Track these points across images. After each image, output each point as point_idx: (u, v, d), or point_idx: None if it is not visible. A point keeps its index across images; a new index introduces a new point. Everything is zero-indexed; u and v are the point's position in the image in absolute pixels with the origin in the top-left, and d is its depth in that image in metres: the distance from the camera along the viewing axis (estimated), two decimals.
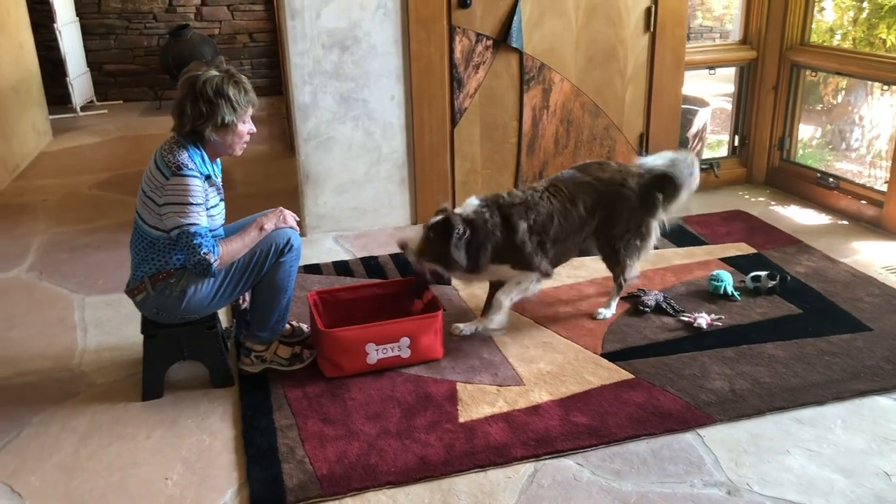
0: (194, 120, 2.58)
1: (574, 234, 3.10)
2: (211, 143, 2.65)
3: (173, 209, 2.54)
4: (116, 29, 7.73)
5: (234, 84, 2.61)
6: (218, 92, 2.56)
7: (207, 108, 2.56)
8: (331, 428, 2.59)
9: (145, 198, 2.61)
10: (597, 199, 3.10)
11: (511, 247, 2.96)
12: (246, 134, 2.71)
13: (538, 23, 4.21)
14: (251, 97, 2.67)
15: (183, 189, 2.53)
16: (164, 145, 2.64)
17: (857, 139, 5.41)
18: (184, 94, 2.59)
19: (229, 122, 2.61)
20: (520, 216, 2.96)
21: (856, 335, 3.07)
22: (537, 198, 3.03)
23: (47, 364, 3.07)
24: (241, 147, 2.73)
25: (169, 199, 2.54)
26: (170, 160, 2.55)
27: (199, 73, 2.59)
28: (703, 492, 2.29)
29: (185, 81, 2.60)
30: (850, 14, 5.42)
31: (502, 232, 2.95)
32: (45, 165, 5.82)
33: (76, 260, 4.04)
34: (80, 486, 2.38)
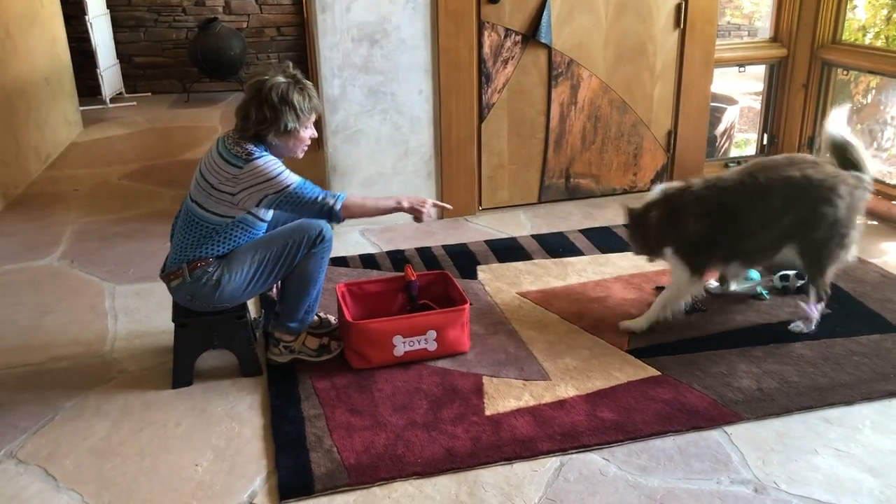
0: (258, 124, 2.64)
1: (765, 228, 2.99)
2: (273, 147, 2.72)
3: (260, 188, 2.62)
4: (146, 22, 7.81)
5: (299, 90, 2.66)
6: (283, 98, 2.62)
7: (272, 113, 2.62)
8: (358, 418, 2.61)
9: (212, 190, 2.65)
10: (798, 199, 2.94)
11: (676, 235, 3.05)
12: (307, 139, 2.77)
13: (567, 18, 4.20)
14: (315, 103, 2.73)
15: (263, 169, 2.61)
16: (227, 138, 2.70)
17: (888, 139, 5.35)
18: (249, 97, 2.65)
19: (292, 129, 2.67)
20: (692, 212, 3.01)
21: (885, 336, 3.04)
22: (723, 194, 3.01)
23: (79, 350, 3.12)
24: (303, 151, 2.81)
25: (249, 183, 2.61)
26: (239, 151, 2.63)
27: (266, 78, 2.64)
28: (729, 489, 2.29)
29: (251, 85, 2.67)
30: (884, 12, 5.36)
31: (668, 221, 3.05)
32: (75, 156, 5.90)
33: (107, 249, 4.09)
34: (112, 469, 2.42)
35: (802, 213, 2.95)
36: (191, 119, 7.02)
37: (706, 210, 3.01)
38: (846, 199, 2.94)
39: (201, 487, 2.34)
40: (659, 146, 4.61)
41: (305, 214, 2.72)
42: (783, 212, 2.96)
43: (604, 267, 3.71)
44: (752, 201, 2.97)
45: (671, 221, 3.04)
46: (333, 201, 2.68)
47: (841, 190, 2.93)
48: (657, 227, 3.08)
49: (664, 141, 4.61)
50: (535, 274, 3.66)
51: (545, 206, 4.55)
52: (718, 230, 3.01)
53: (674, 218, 3.04)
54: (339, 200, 2.70)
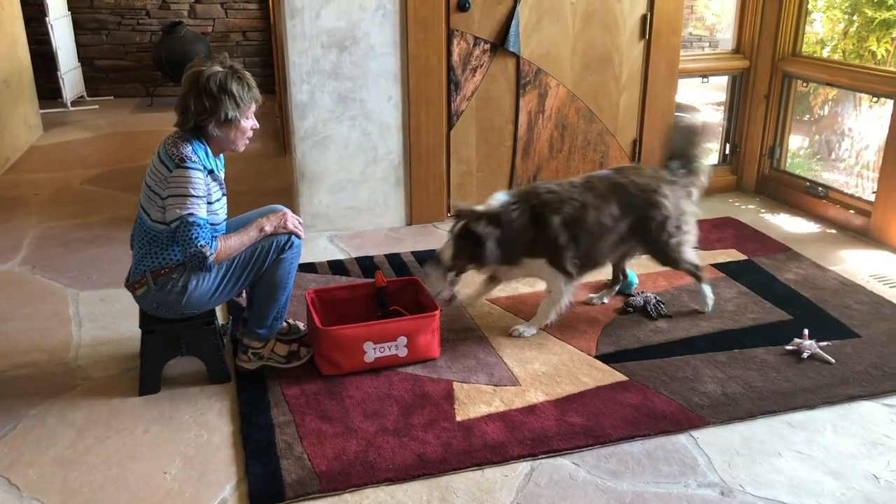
0: (197, 115, 2.59)
1: (608, 232, 3.12)
2: (214, 139, 2.67)
3: (175, 201, 2.55)
4: (109, 24, 7.71)
5: (237, 80, 2.62)
6: (221, 87, 2.58)
7: (211, 103, 2.58)
8: (329, 425, 2.60)
9: (150, 192, 2.62)
10: (629, 202, 3.12)
11: (545, 241, 3.04)
12: (249, 130, 2.73)
13: (535, 28, 4.25)
14: (254, 93, 2.69)
15: (185, 180, 2.55)
16: (167, 139, 2.65)
17: (845, 150, 5.49)
18: (187, 89, 2.61)
19: (232, 118, 2.63)
20: (552, 210, 3.03)
21: (845, 341, 3.12)
22: (573, 191, 3.08)
23: (43, 357, 3.06)
24: (244, 143, 2.75)
25: (171, 192, 2.56)
26: (174, 153, 2.57)
27: (203, 69, 2.60)
28: (697, 492, 2.33)
29: (188, 77, 2.62)
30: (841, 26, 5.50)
31: (535, 226, 3.03)
32: (36, 160, 5.79)
33: (69, 254, 4.03)
34: (78, 478, 2.38)
35: (635, 217, 3.14)
36: (154, 123, 6.94)
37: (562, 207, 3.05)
38: (671, 198, 3.15)
39: (170, 495, 2.32)
40: (625, 154, 4.68)
41: (181, 249, 2.59)
42: (621, 216, 3.13)
43: None
44: (599, 206, 3.09)
45: (538, 224, 3.03)
46: (210, 253, 2.57)
47: (663, 190, 3.15)
48: (520, 231, 3.02)
49: (630, 149, 4.67)
50: None
51: None
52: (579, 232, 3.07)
53: (538, 221, 3.03)
54: (213, 252, 2.59)
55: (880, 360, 2.99)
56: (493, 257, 3.03)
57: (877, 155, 5.00)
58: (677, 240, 3.22)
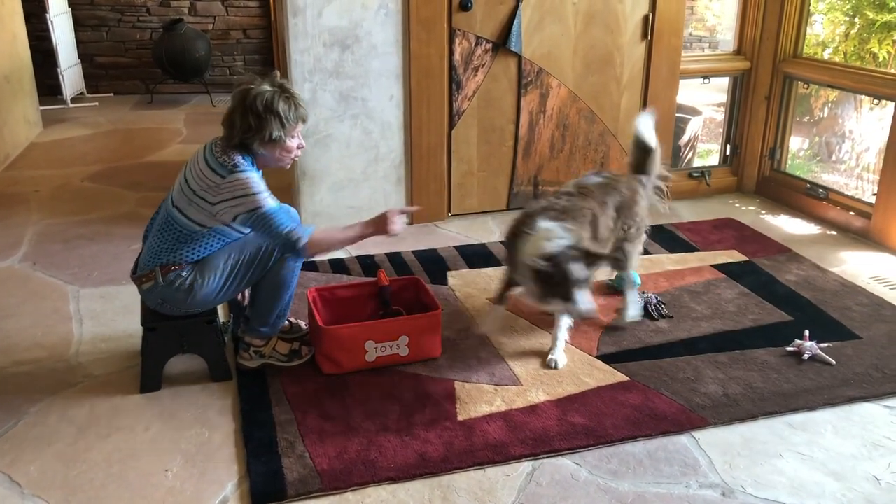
0: (243, 133, 2.62)
1: (611, 233, 3.13)
2: (258, 156, 2.70)
3: (236, 202, 2.58)
4: (109, 21, 7.69)
5: (284, 100, 2.64)
6: (267, 107, 2.60)
7: (256, 122, 2.60)
8: (330, 424, 2.60)
9: (194, 196, 2.62)
10: (620, 202, 3.15)
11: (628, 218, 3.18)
12: (295, 149, 2.75)
13: (537, 28, 4.25)
14: (301, 112, 2.70)
15: (243, 183, 2.58)
16: (213, 146, 2.68)
17: (845, 152, 5.50)
18: (234, 105, 2.64)
19: (277, 138, 2.64)
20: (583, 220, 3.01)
21: (846, 343, 3.13)
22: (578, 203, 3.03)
23: (43, 354, 3.06)
24: (290, 161, 2.79)
25: (228, 195, 2.58)
26: (225, 160, 2.60)
27: (252, 87, 2.63)
28: (698, 493, 2.33)
29: (236, 94, 2.65)
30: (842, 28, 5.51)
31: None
32: (36, 156, 5.78)
33: (70, 251, 4.02)
34: (79, 476, 2.38)
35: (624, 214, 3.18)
36: (154, 121, 6.93)
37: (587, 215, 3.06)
38: (645, 199, 3.30)
39: (171, 493, 2.31)
40: (625, 155, 4.67)
41: (271, 241, 2.67)
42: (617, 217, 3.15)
43: None
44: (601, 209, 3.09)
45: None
46: (300, 235, 2.63)
47: (642, 191, 3.30)
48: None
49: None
50: None
51: (514, 213, 4.56)
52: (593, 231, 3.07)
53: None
54: (305, 235, 2.64)
55: (881, 361, 2.99)
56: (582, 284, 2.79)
57: (877, 157, 5.02)
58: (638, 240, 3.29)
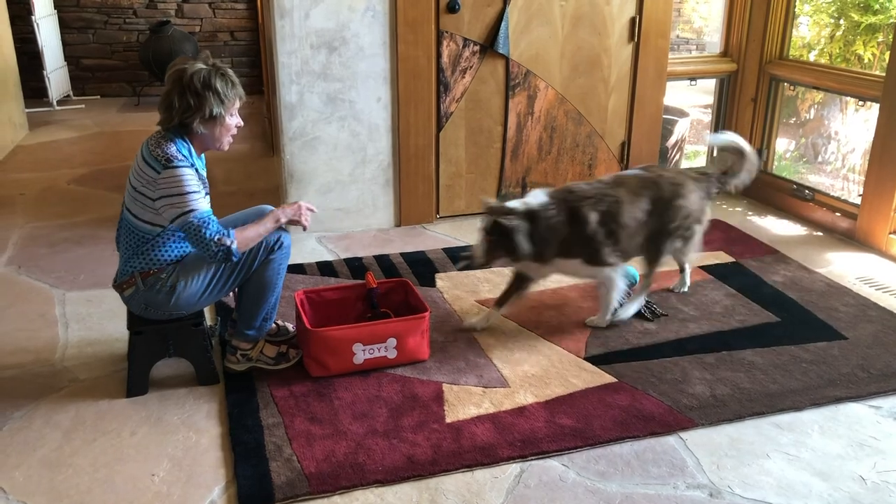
0: (182, 112, 2.59)
1: (640, 226, 3.14)
2: (199, 136, 2.66)
3: (170, 201, 2.54)
4: (95, 23, 7.66)
5: (220, 77, 2.62)
6: (206, 84, 2.58)
7: (195, 100, 2.57)
8: (318, 427, 2.59)
9: (136, 193, 2.61)
10: (658, 196, 3.16)
11: (581, 240, 3.04)
12: (234, 127, 2.73)
13: (525, 30, 4.26)
14: (238, 90, 2.69)
15: (177, 180, 2.54)
16: (150, 140, 2.64)
17: (831, 153, 5.53)
18: (171, 87, 2.60)
19: (217, 115, 2.63)
20: (589, 208, 3.04)
21: (832, 343, 3.14)
22: (605, 189, 3.11)
23: (28, 359, 3.03)
24: (228, 141, 2.75)
25: (163, 192, 2.54)
26: (158, 154, 2.56)
27: (186, 67, 2.60)
28: (686, 493, 2.34)
29: (171, 75, 2.61)
30: (827, 30, 5.55)
31: (571, 226, 3.03)
32: (21, 159, 5.75)
33: (55, 255, 4.00)
34: (65, 481, 2.36)
35: (662, 209, 3.17)
36: (141, 123, 6.90)
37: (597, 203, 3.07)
38: (693, 195, 3.24)
39: (158, 498, 2.30)
40: (613, 157, 4.69)
41: (200, 250, 2.58)
42: (650, 210, 3.15)
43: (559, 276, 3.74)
44: (630, 201, 3.11)
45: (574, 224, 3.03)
46: (230, 241, 2.56)
47: (689, 186, 3.24)
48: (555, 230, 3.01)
49: (618, 152, 4.69)
50: (493, 282, 3.68)
51: None
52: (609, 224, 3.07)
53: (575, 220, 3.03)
54: (233, 240, 2.58)
55: (866, 361, 3.01)
56: (525, 252, 2.99)
57: (863, 158, 5.05)
58: (683, 236, 3.27)
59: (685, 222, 3.24)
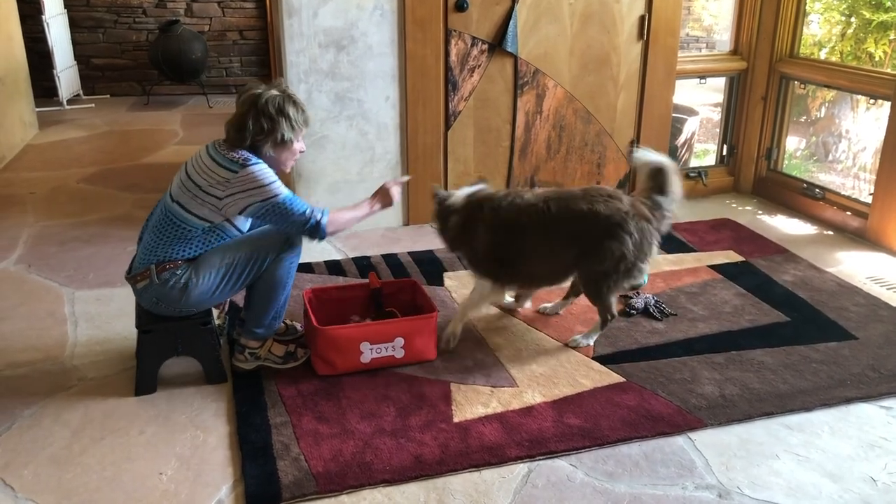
0: (255, 135, 2.68)
1: (547, 256, 3.00)
2: (265, 159, 2.73)
3: (248, 194, 2.63)
4: (105, 23, 7.68)
5: (293, 104, 2.74)
6: (279, 110, 2.68)
7: (269, 124, 2.67)
8: (325, 426, 2.59)
9: (200, 191, 2.64)
10: (583, 231, 2.93)
11: (470, 248, 3.08)
12: (298, 151, 2.83)
13: (533, 28, 4.24)
14: (307, 116, 2.80)
15: (256, 176, 2.64)
16: (217, 144, 2.73)
17: (842, 151, 5.50)
18: (245, 110, 2.69)
19: (287, 140, 2.73)
20: (485, 222, 3.00)
21: (842, 343, 3.12)
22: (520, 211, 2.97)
23: (38, 357, 3.05)
24: (292, 164, 2.87)
25: (239, 188, 2.63)
26: (234, 156, 2.66)
27: (261, 92, 2.71)
28: (694, 494, 2.32)
29: (246, 99, 2.71)
30: (839, 28, 5.51)
31: (467, 232, 3.06)
32: (31, 158, 5.77)
33: (65, 253, 4.01)
34: (73, 479, 2.37)
35: (587, 246, 2.93)
36: (151, 122, 6.92)
37: (496, 225, 2.99)
38: (634, 235, 2.90)
39: (166, 497, 2.30)
40: (622, 156, 4.67)
41: (289, 228, 2.71)
42: (569, 244, 2.96)
43: None
44: (541, 228, 2.95)
45: (467, 229, 3.06)
46: (320, 216, 2.69)
47: (628, 226, 2.89)
48: (455, 231, 3.10)
49: (627, 151, 4.67)
50: None
51: None
52: (504, 248, 2.99)
53: (468, 226, 3.05)
54: (325, 215, 2.71)
55: (877, 362, 2.99)
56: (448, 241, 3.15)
57: (874, 157, 5.01)
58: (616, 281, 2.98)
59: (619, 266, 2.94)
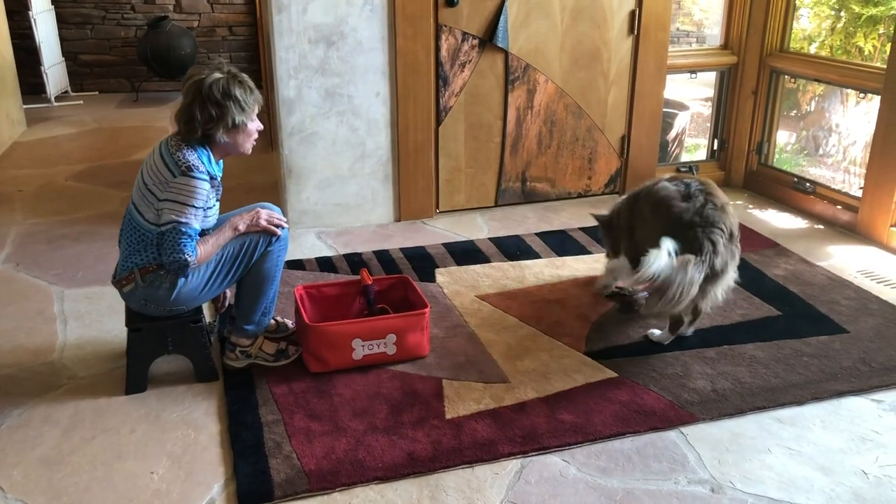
0: (204, 125, 2.58)
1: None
2: (220, 145, 2.66)
3: (172, 206, 2.53)
4: (93, 19, 7.62)
5: (239, 84, 2.61)
6: (226, 94, 2.57)
7: (217, 111, 2.57)
8: (317, 424, 2.58)
9: (146, 190, 2.60)
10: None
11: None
12: (255, 132, 2.72)
13: (524, 23, 4.23)
14: (256, 95, 2.68)
15: (189, 190, 2.53)
16: (170, 140, 2.63)
17: (832, 145, 5.51)
18: (190, 99, 2.58)
19: (239, 123, 2.63)
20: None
21: (833, 337, 3.13)
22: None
23: (27, 356, 3.02)
24: (251, 145, 2.75)
25: (171, 196, 2.54)
26: (179, 158, 2.55)
27: (203, 77, 2.58)
28: (687, 489, 2.33)
29: (189, 87, 2.59)
30: (828, 22, 5.52)
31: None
32: (19, 155, 5.73)
33: (54, 251, 3.98)
34: (63, 479, 2.36)
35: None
36: (140, 119, 6.88)
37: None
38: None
39: (157, 496, 2.29)
40: (613, 151, 4.67)
41: (164, 258, 2.56)
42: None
43: (560, 270, 3.74)
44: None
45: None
46: (192, 260, 2.56)
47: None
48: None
49: (618, 146, 4.67)
50: (493, 277, 3.67)
51: (502, 209, 4.57)
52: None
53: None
54: (195, 258, 2.58)
55: (868, 355, 3.00)
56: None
57: (864, 151, 5.03)
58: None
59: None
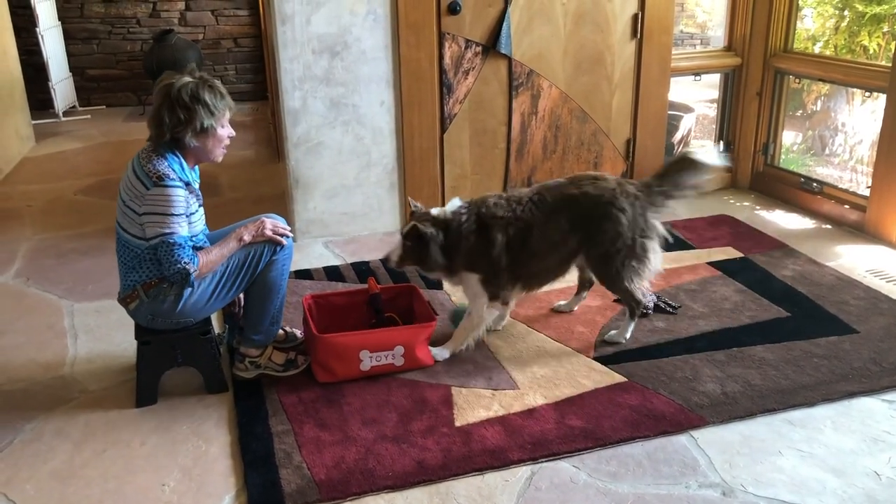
0: (173, 127, 2.57)
1: (554, 249, 2.98)
2: (191, 150, 2.65)
3: (153, 219, 2.54)
4: (99, 34, 7.69)
5: (209, 88, 2.61)
6: (194, 97, 2.57)
7: (185, 114, 2.56)
8: (327, 433, 2.59)
9: (125, 207, 2.61)
10: (579, 215, 2.94)
11: (485, 259, 2.92)
12: (226, 138, 2.71)
13: (527, 29, 4.24)
14: (227, 101, 2.68)
15: (164, 200, 2.53)
16: (141, 154, 2.63)
17: (839, 145, 5.49)
18: (160, 102, 2.59)
19: (208, 127, 2.61)
20: (499, 228, 2.90)
21: (843, 337, 3.12)
22: (519, 209, 2.94)
23: (38, 371, 3.04)
24: (222, 152, 2.73)
25: (149, 209, 2.54)
26: (150, 170, 2.55)
27: (173, 81, 2.59)
28: (698, 493, 2.32)
29: (159, 91, 2.60)
30: (832, 22, 5.51)
31: (478, 240, 2.92)
32: (28, 171, 5.77)
33: (63, 266, 4.01)
34: (75, 493, 2.37)
35: (587, 230, 2.94)
36: (147, 132, 6.88)
37: (507, 226, 2.92)
38: (627, 212, 2.91)
39: None
40: (618, 154, 4.67)
41: (165, 267, 2.57)
42: (570, 231, 2.95)
43: (568, 275, 3.72)
44: (544, 220, 2.93)
45: (481, 237, 2.91)
46: (193, 269, 2.57)
47: (618, 203, 2.91)
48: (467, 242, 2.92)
49: (623, 149, 4.67)
50: None
51: None
52: (515, 249, 2.93)
53: (482, 234, 2.92)
54: (195, 266, 2.58)
55: (879, 355, 2.98)
56: (436, 263, 2.93)
57: (870, 149, 5.01)
58: (622, 261, 2.96)
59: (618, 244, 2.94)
